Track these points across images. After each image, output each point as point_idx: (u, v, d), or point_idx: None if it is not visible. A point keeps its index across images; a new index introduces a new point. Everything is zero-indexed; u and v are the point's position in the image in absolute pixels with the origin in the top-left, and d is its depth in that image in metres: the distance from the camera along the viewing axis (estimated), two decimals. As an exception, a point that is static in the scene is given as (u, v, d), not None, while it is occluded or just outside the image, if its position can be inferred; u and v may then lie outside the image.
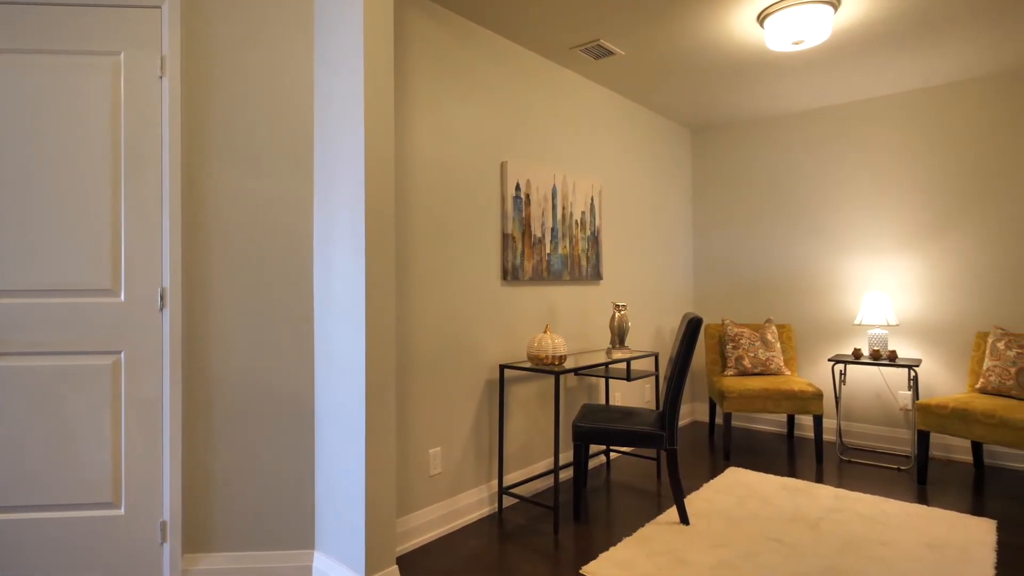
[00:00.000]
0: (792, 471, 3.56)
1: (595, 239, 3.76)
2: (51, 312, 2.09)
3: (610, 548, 2.51)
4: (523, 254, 3.19)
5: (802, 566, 2.33)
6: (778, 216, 4.58)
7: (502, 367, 2.98)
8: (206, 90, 2.20)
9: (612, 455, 3.87)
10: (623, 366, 3.66)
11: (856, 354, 3.75)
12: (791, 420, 4.34)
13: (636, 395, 4.21)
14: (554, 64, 3.48)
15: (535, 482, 3.26)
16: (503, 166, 3.10)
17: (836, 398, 3.82)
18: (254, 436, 2.23)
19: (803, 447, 4.10)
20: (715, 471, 3.57)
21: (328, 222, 2.21)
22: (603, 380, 3.88)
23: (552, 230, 3.40)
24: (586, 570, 2.31)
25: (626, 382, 4.05)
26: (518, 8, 2.80)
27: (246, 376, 2.23)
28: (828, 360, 3.84)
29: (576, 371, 2.91)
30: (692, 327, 2.72)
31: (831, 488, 3.21)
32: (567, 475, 3.47)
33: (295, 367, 2.27)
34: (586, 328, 3.73)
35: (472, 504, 2.87)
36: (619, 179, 4.09)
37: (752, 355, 4.10)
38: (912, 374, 3.64)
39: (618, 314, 3.43)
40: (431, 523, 2.65)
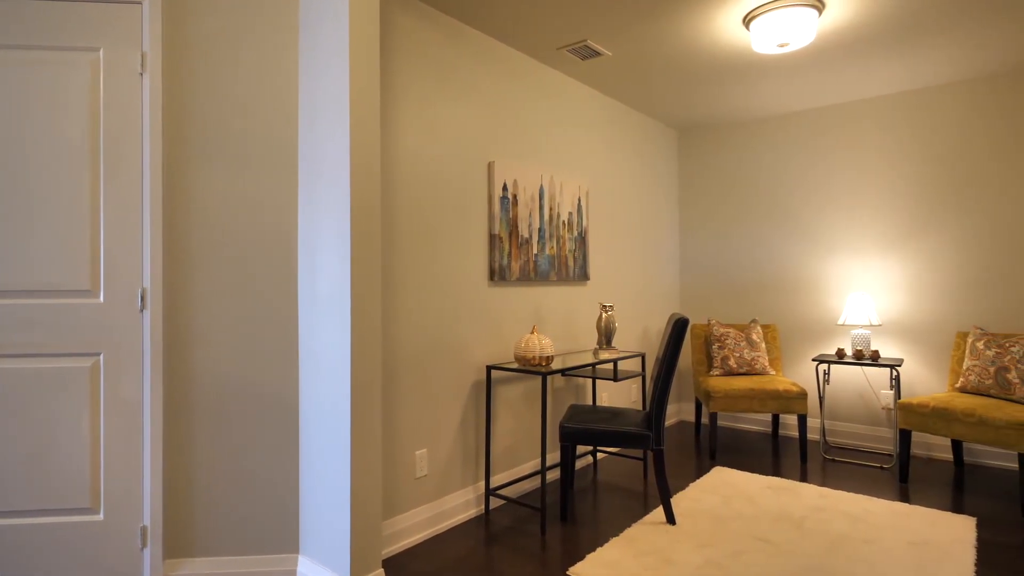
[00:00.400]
0: (777, 470, 3.59)
1: (582, 239, 3.76)
2: (28, 313, 2.04)
3: (597, 549, 2.51)
4: (510, 254, 3.19)
5: (788, 565, 2.35)
6: (763, 217, 4.61)
7: (489, 368, 2.97)
8: (188, 88, 2.16)
9: (599, 455, 3.88)
10: (610, 367, 3.67)
11: (839, 354, 3.79)
12: (776, 420, 4.37)
13: (623, 395, 4.23)
14: (541, 64, 3.48)
15: (522, 483, 3.26)
16: (490, 166, 3.09)
17: (820, 397, 3.86)
18: (238, 439, 2.20)
19: (788, 446, 4.14)
20: (701, 471, 3.59)
21: (313, 222, 2.18)
22: (590, 380, 3.88)
23: (539, 230, 3.39)
24: (573, 571, 2.31)
25: (613, 382, 4.06)
26: (506, 8, 2.79)
27: (229, 378, 2.19)
28: (812, 360, 3.87)
29: (563, 372, 2.90)
30: (678, 328, 2.73)
31: (815, 487, 3.24)
32: (554, 476, 3.47)
33: (279, 368, 2.24)
34: (573, 329, 3.73)
35: (459, 506, 2.85)
36: (606, 180, 4.10)
37: (738, 355, 4.13)
38: (894, 374, 3.69)
39: (605, 314, 3.44)
40: (417, 525, 2.63)
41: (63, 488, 2.07)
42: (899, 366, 3.73)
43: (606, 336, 3.44)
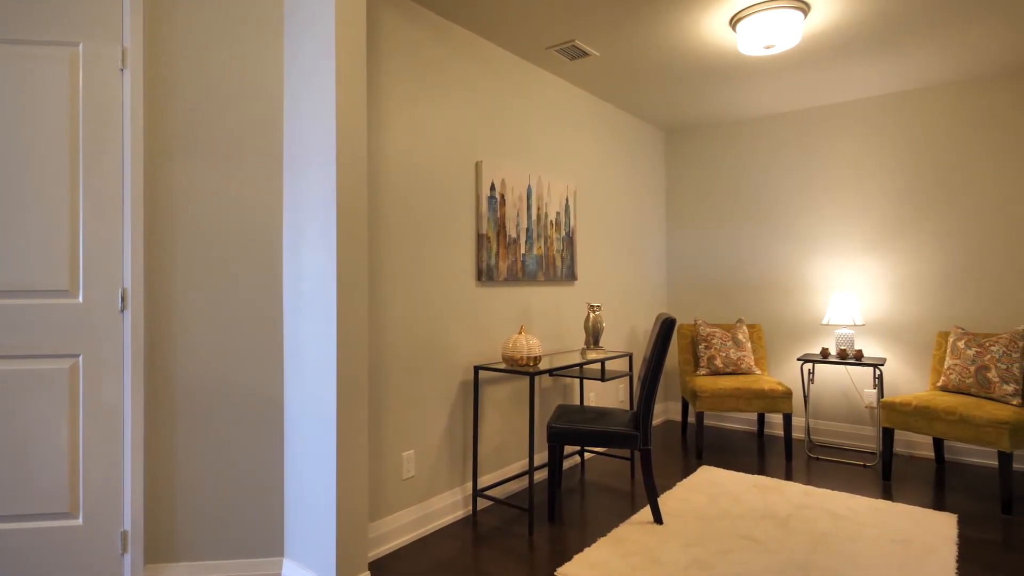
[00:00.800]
0: (762, 469, 3.62)
1: (570, 240, 3.76)
2: (4, 314, 1.99)
3: (585, 549, 2.50)
4: (498, 254, 3.18)
5: (773, 563, 2.36)
6: (749, 217, 4.65)
7: (476, 368, 2.95)
8: (170, 84, 2.12)
9: (587, 455, 3.88)
10: (597, 367, 3.67)
11: (824, 353, 3.83)
12: (761, 419, 4.41)
13: (610, 395, 4.23)
14: (529, 64, 3.47)
15: (510, 484, 3.25)
16: (478, 166, 3.08)
17: (805, 397, 3.89)
18: (221, 441, 2.17)
19: (773, 445, 4.17)
20: (688, 470, 3.61)
21: (298, 221, 2.16)
22: (578, 380, 3.88)
23: (527, 230, 3.39)
24: (561, 571, 2.30)
25: (600, 382, 4.07)
26: (493, 6, 2.78)
27: (213, 379, 2.16)
28: (797, 359, 3.91)
29: (551, 372, 2.90)
30: (666, 328, 2.74)
31: (800, 485, 3.27)
32: (542, 476, 3.47)
33: (264, 370, 2.21)
34: (561, 329, 3.73)
35: (446, 507, 2.83)
36: (593, 180, 4.11)
37: (724, 355, 4.15)
38: (877, 373, 3.73)
39: (592, 315, 3.44)
40: (404, 527, 2.61)
41: (40, 492, 2.02)
42: (882, 365, 3.78)
43: (593, 336, 3.44)
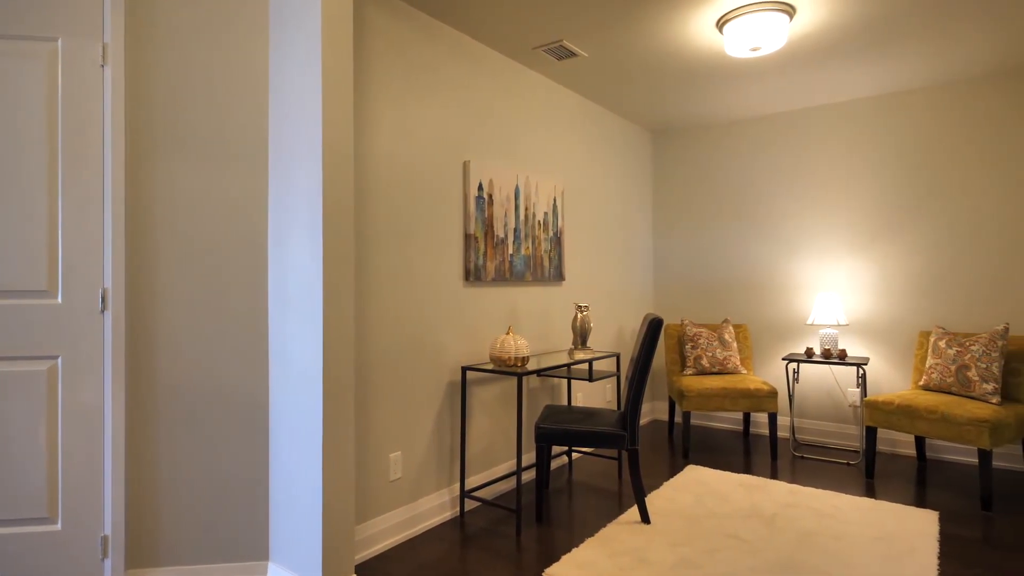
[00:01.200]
0: (748, 468, 3.64)
1: (557, 240, 3.76)
2: (-21, 315, 1.95)
3: (572, 549, 2.50)
4: (485, 254, 3.17)
5: (759, 561, 2.38)
6: (734, 218, 4.68)
7: (464, 369, 2.94)
8: (153, 81, 2.09)
9: (574, 455, 3.88)
10: (585, 367, 3.68)
11: (808, 353, 3.87)
12: (747, 418, 4.44)
13: (598, 395, 4.24)
14: (517, 64, 3.47)
15: (497, 484, 3.24)
16: (466, 165, 3.07)
17: (790, 396, 3.93)
18: (205, 443, 2.14)
19: (759, 444, 4.21)
20: (675, 469, 3.62)
21: (284, 220, 2.13)
22: (565, 381, 3.88)
23: (515, 231, 3.38)
24: (548, 572, 2.30)
25: (588, 383, 4.07)
26: (482, 6, 2.77)
27: (196, 381, 2.13)
28: (782, 359, 3.95)
29: (538, 372, 2.90)
30: (653, 328, 2.75)
31: (785, 484, 3.30)
32: (529, 476, 3.46)
33: (248, 371, 2.18)
34: (548, 329, 3.73)
35: (433, 509, 2.82)
36: (581, 180, 4.11)
37: (710, 355, 4.18)
38: (861, 372, 3.78)
39: (580, 315, 3.44)
40: (391, 529, 2.60)
41: (18, 497, 1.98)
42: (865, 365, 3.82)
43: (581, 336, 3.45)
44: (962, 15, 2.84)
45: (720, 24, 2.92)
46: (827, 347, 3.84)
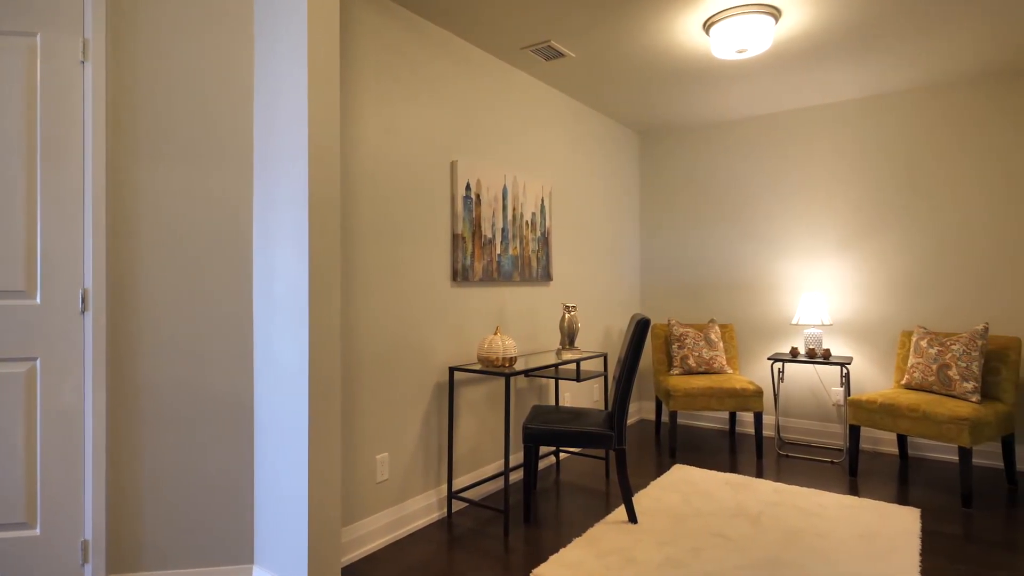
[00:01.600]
0: (734, 467, 3.67)
1: (545, 240, 3.76)
2: (-46, 315, 1.90)
3: (560, 550, 2.51)
4: (473, 255, 3.16)
5: (745, 559, 2.39)
6: (720, 219, 4.72)
7: (452, 369, 2.93)
8: (135, 78, 2.05)
9: (562, 455, 3.89)
10: (573, 367, 3.68)
11: (793, 353, 3.91)
12: (733, 417, 4.48)
13: (585, 395, 4.25)
14: (505, 64, 3.46)
15: (485, 485, 3.23)
16: (453, 165, 3.06)
17: (775, 395, 3.97)
18: (188, 445, 2.11)
19: (744, 443, 4.24)
20: (661, 469, 3.64)
21: (269, 220, 2.11)
22: (553, 381, 3.89)
23: (502, 231, 3.38)
24: (536, 572, 2.30)
25: (576, 383, 4.08)
26: (470, 5, 2.76)
27: (179, 382, 2.10)
28: (767, 359, 3.98)
29: (526, 372, 2.89)
30: (640, 328, 2.76)
31: (771, 482, 3.32)
32: (517, 477, 3.46)
33: (233, 372, 2.15)
34: (536, 329, 3.73)
35: (420, 510, 2.81)
36: (569, 181, 4.12)
37: (697, 354, 4.20)
38: (844, 371, 3.82)
39: (568, 315, 3.45)
40: (378, 531, 2.58)
41: (-5, 502, 1.93)
42: (849, 364, 3.87)
43: (569, 336, 3.45)
44: (946, 18, 2.88)
45: (707, 26, 2.94)
46: (812, 347, 3.88)
